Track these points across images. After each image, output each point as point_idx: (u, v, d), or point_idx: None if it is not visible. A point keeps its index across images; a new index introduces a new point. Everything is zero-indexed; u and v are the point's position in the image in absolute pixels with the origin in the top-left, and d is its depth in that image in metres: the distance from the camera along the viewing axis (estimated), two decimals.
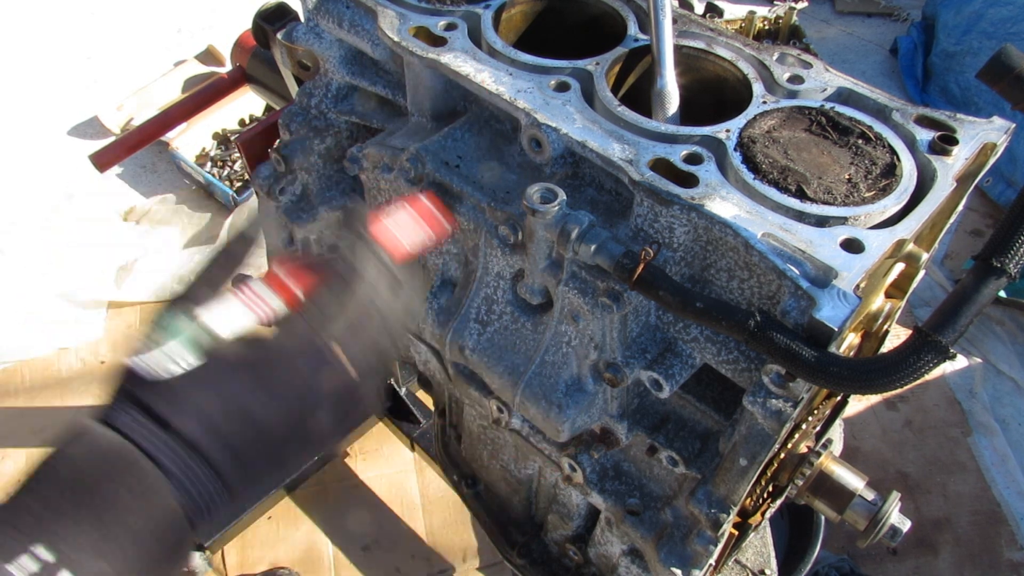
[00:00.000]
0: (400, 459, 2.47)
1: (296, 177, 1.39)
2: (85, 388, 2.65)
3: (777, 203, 0.86)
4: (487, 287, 1.11)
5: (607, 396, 1.07)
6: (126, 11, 4.09)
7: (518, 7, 1.18)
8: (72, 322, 2.79)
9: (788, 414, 0.84)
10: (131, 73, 3.69)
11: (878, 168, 0.91)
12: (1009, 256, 0.71)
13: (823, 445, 1.13)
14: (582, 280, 0.95)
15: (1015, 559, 2.34)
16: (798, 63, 1.05)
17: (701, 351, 0.96)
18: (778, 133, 0.94)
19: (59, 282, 2.83)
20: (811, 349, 0.76)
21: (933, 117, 0.96)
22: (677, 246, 0.91)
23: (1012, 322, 2.86)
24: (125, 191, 3.28)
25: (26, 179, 3.30)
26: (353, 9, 1.21)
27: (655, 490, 1.19)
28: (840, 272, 0.79)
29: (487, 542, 1.79)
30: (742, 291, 0.89)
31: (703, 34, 1.09)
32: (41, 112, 3.60)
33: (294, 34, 1.29)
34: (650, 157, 0.92)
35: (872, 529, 1.11)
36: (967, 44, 3.46)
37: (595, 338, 0.98)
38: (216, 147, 3.35)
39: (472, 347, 1.13)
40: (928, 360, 0.73)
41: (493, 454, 1.45)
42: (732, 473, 0.97)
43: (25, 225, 3.09)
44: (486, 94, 1.03)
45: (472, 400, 1.33)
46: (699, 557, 1.11)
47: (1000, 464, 2.52)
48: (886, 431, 2.59)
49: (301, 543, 2.32)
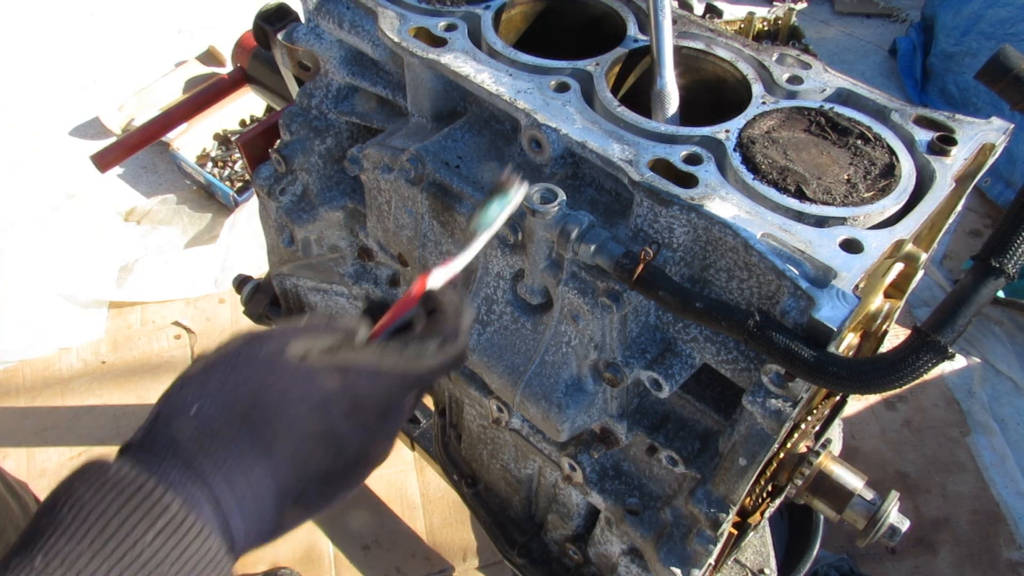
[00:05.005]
0: (400, 459, 2.47)
1: (296, 177, 1.40)
2: (86, 388, 2.66)
3: (776, 203, 0.87)
4: (487, 287, 1.11)
5: (607, 396, 1.07)
6: (126, 11, 4.09)
7: (518, 8, 1.19)
8: (72, 322, 2.79)
9: (787, 414, 0.84)
10: (132, 73, 3.70)
11: (877, 168, 0.91)
12: (1008, 256, 0.72)
13: (822, 445, 1.14)
14: (582, 280, 0.95)
15: (1014, 558, 2.34)
16: (797, 64, 1.05)
17: (701, 351, 0.96)
18: (777, 133, 0.94)
19: (59, 282, 2.83)
20: (810, 349, 0.76)
21: (932, 118, 0.96)
22: (677, 246, 0.91)
23: (1011, 322, 2.86)
24: (126, 191, 3.29)
25: (26, 179, 3.30)
26: (353, 10, 1.21)
27: (655, 490, 1.19)
28: (839, 272, 0.80)
29: (487, 541, 1.79)
30: (741, 291, 0.90)
31: (703, 35, 1.10)
32: (42, 112, 3.60)
33: (295, 35, 1.30)
34: (650, 157, 0.93)
35: (871, 528, 1.11)
36: (966, 45, 3.46)
37: (595, 338, 0.99)
38: (217, 147, 3.35)
39: (472, 347, 1.13)
40: (927, 360, 0.73)
41: (493, 454, 1.45)
42: (731, 473, 0.97)
43: (25, 225, 3.09)
44: (486, 95, 1.03)
45: (472, 400, 1.33)
46: (699, 556, 1.11)
47: (999, 464, 2.52)
48: (885, 431, 2.59)
49: (301, 543, 2.32)
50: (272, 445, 0.57)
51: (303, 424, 0.59)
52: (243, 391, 0.58)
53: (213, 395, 0.57)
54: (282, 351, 0.61)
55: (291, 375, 0.59)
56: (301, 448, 0.59)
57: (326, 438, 0.60)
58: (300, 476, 0.59)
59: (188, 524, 0.52)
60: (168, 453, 0.55)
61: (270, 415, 0.58)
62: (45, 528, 0.50)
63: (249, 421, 0.57)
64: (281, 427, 0.58)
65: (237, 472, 0.56)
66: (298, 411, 0.59)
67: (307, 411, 0.59)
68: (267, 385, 0.59)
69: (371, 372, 0.63)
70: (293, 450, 0.58)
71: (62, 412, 2.60)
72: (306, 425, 0.59)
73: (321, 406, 0.59)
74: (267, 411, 0.58)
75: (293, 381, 0.59)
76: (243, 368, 0.59)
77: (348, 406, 0.61)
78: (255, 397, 0.58)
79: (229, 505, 0.55)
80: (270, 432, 0.57)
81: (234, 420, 0.57)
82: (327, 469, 0.61)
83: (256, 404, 0.58)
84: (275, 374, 0.59)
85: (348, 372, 0.61)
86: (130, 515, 0.50)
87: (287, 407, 0.58)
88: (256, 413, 0.58)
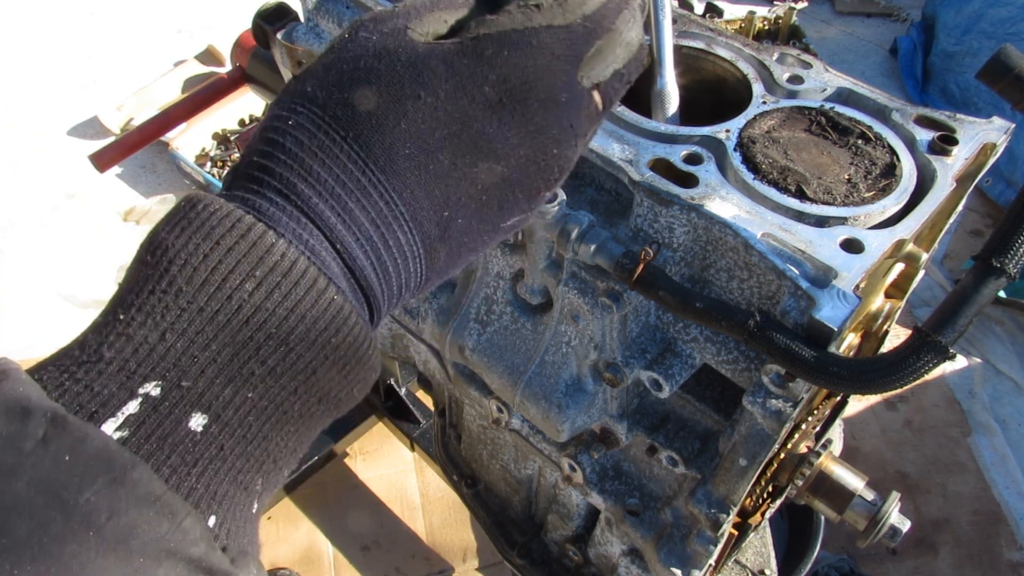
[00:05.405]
0: (400, 459, 2.47)
1: None
2: None
3: (777, 203, 0.86)
4: (487, 287, 1.11)
5: (607, 396, 1.07)
6: (126, 11, 4.09)
7: None
8: (72, 322, 2.79)
9: (788, 414, 0.84)
10: (131, 73, 3.70)
11: (878, 168, 0.91)
12: (1009, 256, 0.71)
13: (823, 445, 1.13)
14: (582, 280, 0.95)
15: (1015, 559, 2.34)
16: (798, 63, 1.05)
17: (701, 351, 0.96)
18: (778, 133, 0.94)
19: (59, 282, 2.83)
20: (811, 349, 0.76)
21: (933, 117, 0.96)
22: (677, 246, 0.91)
23: (1012, 322, 2.86)
24: (125, 191, 3.28)
25: (26, 179, 3.30)
26: (353, 9, 1.21)
27: (655, 490, 1.19)
28: (840, 272, 0.79)
29: (487, 542, 1.79)
30: (742, 291, 0.89)
31: (703, 34, 1.09)
32: (41, 112, 3.60)
33: (294, 34, 1.29)
34: (650, 157, 0.92)
35: (872, 529, 1.11)
36: (967, 44, 3.46)
37: (595, 338, 0.98)
38: (216, 147, 3.35)
39: (472, 347, 1.13)
40: (928, 360, 0.72)
41: (493, 454, 1.45)
42: (732, 473, 0.97)
43: (25, 225, 3.09)
44: None
45: (472, 400, 1.33)
46: (699, 557, 1.11)
47: (1000, 464, 2.52)
48: (886, 431, 2.59)
49: (301, 543, 2.32)
50: (393, 161, 0.44)
51: (430, 127, 0.45)
52: (349, 91, 0.44)
53: (315, 105, 0.44)
54: (404, 30, 0.46)
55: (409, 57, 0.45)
56: (434, 159, 0.45)
57: (471, 139, 0.46)
58: (442, 195, 0.45)
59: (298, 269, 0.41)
60: (264, 186, 0.43)
61: (382, 121, 0.44)
62: (129, 282, 0.41)
63: (357, 132, 0.44)
64: (398, 134, 0.44)
65: (350, 201, 0.43)
66: (422, 109, 0.44)
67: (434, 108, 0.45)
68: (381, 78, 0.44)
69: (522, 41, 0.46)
70: (421, 163, 0.45)
71: None
72: (435, 127, 0.45)
73: (455, 96, 0.45)
74: (379, 117, 0.44)
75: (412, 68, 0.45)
76: (350, 61, 0.45)
77: (497, 93, 0.46)
78: (364, 98, 0.44)
79: (347, 242, 0.44)
80: (387, 140, 0.44)
81: (339, 133, 0.44)
82: (482, 183, 0.47)
83: (366, 107, 0.44)
84: (389, 63, 0.45)
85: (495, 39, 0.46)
86: (220, 261, 0.40)
87: (404, 104, 0.44)
88: (368, 121, 0.44)
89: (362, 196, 0.44)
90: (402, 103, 0.44)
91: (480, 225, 0.48)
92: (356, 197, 0.44)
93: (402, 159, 0.44)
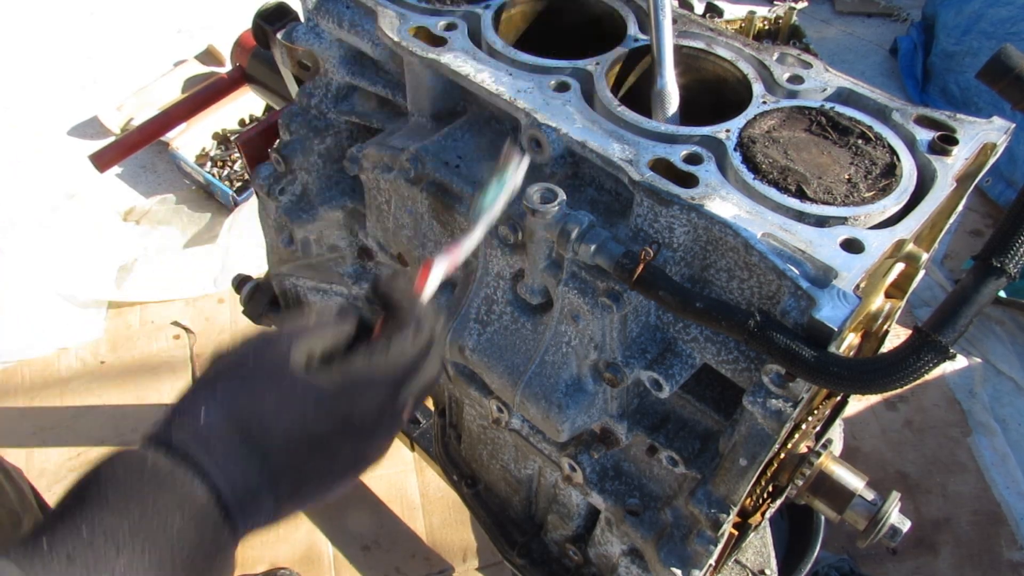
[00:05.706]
0: (400, 459, 2.47)
1: (296, 177, 1.39)
2: (85, 388, 2.65)
3: (777, 203, 0.86)
4: (487, 287, 1.11)
5: (607, 396, 1.07)
6: (126, 11, 4.09)
7: (518, 7, 1.18)
8: (71, 322, 2.79)
9: (788, 414, 0.84)
10: (131, 73, 3.70)
11: (878, 168, 0.91)
12: (1009, 256, 0.71)
13: (823, 445, 1.13)
14: (582, 280, 0.95)
15: (1015, 559, 2.34)
16: (798, 63, 1.05)
17: (701, 351, 0.96)
18: (778, 133, 0.94)
19: (59, 282, 2.83)
20: (811, 349, 0.76)
21: (933, 117, 0.96)
22: (677, 246, 0.91)
23: (1012, 322, 2.86)
24: (125, 191, 3.28)
25: (26, 179, 3.30)
26: (353, 9, 1.21)
27: (655, 490, 1.19)
28: (840, 272, 0.79)
29: (487, 542, 1.79)
30: (742, 291, 0.89)
31: (703, 34, 1.09)
32: (41, 112, 3.60)
33: (294, 34, 1.29)
34: (650, 157, 0.92)
35: (872, 529, 1.11)
36: (967, 44, 3.46)
37: (595, 338, 0.98)
38: (216, 147, 3.35)
39: (472, 347, 1.13)
40: (928, 360, 0.72)
41: (493, 454, 1.45)
42: (732, 473, 0.97)
43: (25, 225, 3.09)
44: (486, 94, 1.03)
45: (472, 400, 1.33)
46: (699, 557, 1.11)
47: (1000, 464, 2.52)
48: (886, 431, 2.59)
49: (301, 543, 2.32)
50: (268, 455, 0.64)
51: (298, 435, 0.65)
52: (246, 403, 0.64)
53: (219, 404, 0.64)
54: (286, 360, 0.65)
55: (290, 387, 0.65)
56: (296, 456, 0.65)
57: (321, 446, 0.66)
58: (295, 480, 0.66)
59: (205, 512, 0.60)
60: (182, 452, 0.62)
61: (268, 426, 0.64)
62: (90, 502, 0.57)
63: (247, 433, 0.64)
64: (277, 438, 0.65)
65: (237, 474, 0.63)
66: (293, 423, 0.65)
67: (302, 423, 0.65)
68: (268, 398, 0.65)
69: (364, 381, 0.67)
70: (288, 458, 0.65)
71: (61, 412, 2.60)
72: (301, 435, 0.65)
73: (315, 419, 0.65)
74: (265, 422, 0.64)
75: (291, 393, 0.65)
76: (248, 379, 0.66)
77: (342, 416, 0.66)
78: (255, 408, 0.64)
79: (231, 501, 0.62)
80: (267, 441, 0.64)
81: (235, 430, 0.63)
82: (322, 471, 0.68)
83: (254, 415, 0.64)
84: (276, 387, 0.65)
85: (342, 381, 0.66)
86: (162, 500, 0.58)
87: (283, 419, 0.65)
88: (255, 424, 0.64)
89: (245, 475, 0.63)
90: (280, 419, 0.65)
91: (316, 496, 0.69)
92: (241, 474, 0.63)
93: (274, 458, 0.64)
